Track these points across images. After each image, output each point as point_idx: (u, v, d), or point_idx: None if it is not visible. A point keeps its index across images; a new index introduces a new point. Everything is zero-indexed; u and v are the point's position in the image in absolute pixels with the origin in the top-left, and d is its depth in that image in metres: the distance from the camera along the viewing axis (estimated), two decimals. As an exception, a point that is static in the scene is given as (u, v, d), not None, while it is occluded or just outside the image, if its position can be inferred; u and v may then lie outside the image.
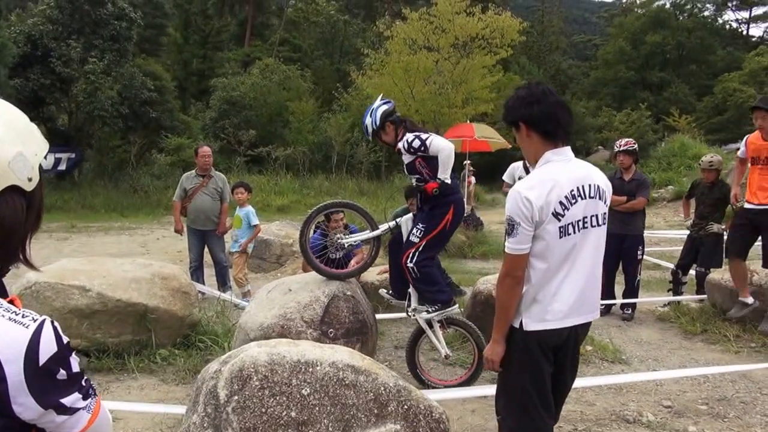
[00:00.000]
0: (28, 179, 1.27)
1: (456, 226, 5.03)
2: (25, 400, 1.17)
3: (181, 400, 4.80)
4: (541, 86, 2.91)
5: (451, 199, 4.88)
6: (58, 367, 1.22)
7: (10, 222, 1.24)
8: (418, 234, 4.87)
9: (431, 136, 4.85)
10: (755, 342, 6.48)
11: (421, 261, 4.84)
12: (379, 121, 5.08)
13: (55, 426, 1.25)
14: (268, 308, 4.97)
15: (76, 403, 1.26)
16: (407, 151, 4.91)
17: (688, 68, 49.46)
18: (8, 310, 1.22)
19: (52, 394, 1.21)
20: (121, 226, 16.75)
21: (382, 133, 5.13)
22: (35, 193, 1.31)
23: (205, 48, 44.31)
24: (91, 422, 1.30)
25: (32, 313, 1.23)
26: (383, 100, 5.22)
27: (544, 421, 2.99)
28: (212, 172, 8.48)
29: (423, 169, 4.91)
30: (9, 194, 1.23)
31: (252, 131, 27.28)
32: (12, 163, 1.23)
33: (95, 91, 20.48)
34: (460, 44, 17.86)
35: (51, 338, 1.21)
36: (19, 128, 1.29)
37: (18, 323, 1.19)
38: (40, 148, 1.33)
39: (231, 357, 2.84)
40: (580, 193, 2.83)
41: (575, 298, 2.87)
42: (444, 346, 5.14)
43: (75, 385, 1.26)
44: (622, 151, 7.60)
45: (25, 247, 1.33)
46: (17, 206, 1.26)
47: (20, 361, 1.16)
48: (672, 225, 16.85)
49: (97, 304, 5.32)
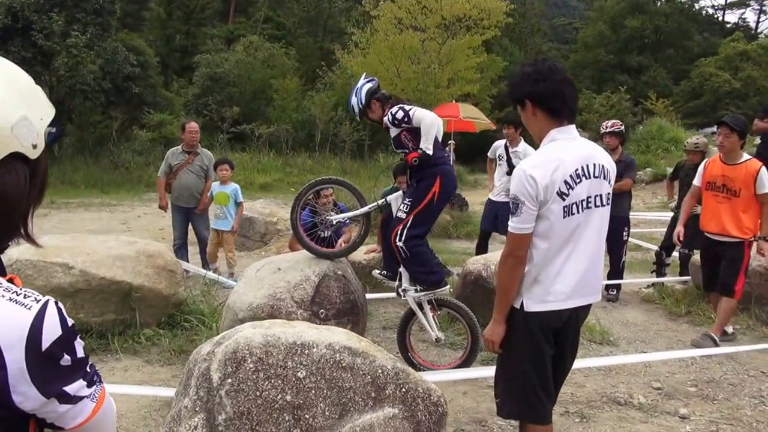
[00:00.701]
0: (32, 146, 1.15)
1: (445, 199, 4.93)
2: (26, 389, 1.07)
3: (166, 382, 4.72)
4: (547, 63, 2.85)
5: (437, 170, 4.75)
6: (62, 353, 1.11)
7: (12, 193, 1.13)
8: (405, 209, 4.78)
9: (414, 108, 4.77)
10: (740, 324, 6.55)
11: (410, 239, 4.75)
12: (365, 99, 5.01)
13: (57, 416, 1.14)
14: (257, 288, 4.87)
15: (81, 391, 1.16)
16: (392, 123, 4.83)
17: (665, 53, 49.64)
18: (8, 290, 1.11)
19: (55, 382, 1.11)
20: (102, 203, 16.49)
21: (369, 111, 5.06)
22: (40, 161, 1.19)
23: (188, 24, 43.64)
24: (96, 411, 1.20)
25: (34, 293, 1.12)
26: (366, 78, 5.15)
27: (544, 404, 2.96)
28: (198, 149, 8.32)
29: (409, 142, 4.83)
30: (11, 162, 1.12)
31: (235, 108, 26.97)
32: (15, 128, 1.11)
33: (77, 65, 20.05)
34: (447, 24, 17.71)
35: (55, 321, 1.11)
36: (24, 90, 1.17)
37: (19, 304, 1.09)
38: (46, 112, 1.22)
39: (225, 338, 2.76)
40: (585, 173, 2.79)
41: (578, 279, 2.83)
42: (435, 329, 5.07)
43: (79, 372, 1.16)
44: (609, 133, 7.56)
45: (27, 221, 1.21)
46: (20, 176, 1.14)
47: (21, 346, 1.05)
48: (651, 207, 16.98)
49: (80, 282, 5.17)
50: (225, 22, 45.08)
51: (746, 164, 5.73)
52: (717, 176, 5.88)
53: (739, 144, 5.75)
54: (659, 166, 20.93)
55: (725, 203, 5.79)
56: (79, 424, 1.18)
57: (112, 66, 21.76)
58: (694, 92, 42.15)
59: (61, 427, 1.18)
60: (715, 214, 5.89)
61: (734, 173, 5.75)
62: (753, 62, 41.41)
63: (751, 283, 6.60)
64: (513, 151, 7.69)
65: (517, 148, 7.69)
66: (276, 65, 31.99)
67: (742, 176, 5.69)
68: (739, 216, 5.73)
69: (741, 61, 41.88)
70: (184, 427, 2.59)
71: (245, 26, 42.91)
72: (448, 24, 17.82)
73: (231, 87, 29.31)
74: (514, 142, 7.74)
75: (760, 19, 64.22)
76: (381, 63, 17.97)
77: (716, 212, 5.87)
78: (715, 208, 5.88)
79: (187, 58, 38.55)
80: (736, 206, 5.73)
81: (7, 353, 1.05)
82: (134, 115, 24.84)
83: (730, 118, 5.86)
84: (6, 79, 1.15)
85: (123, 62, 22.24)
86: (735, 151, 5.78)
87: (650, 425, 4.28)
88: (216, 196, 8.03)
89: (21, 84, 1.18)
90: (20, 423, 1.14)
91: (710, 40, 52.41)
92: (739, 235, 5.73)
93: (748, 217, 5.74)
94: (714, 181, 5.90)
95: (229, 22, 44.73)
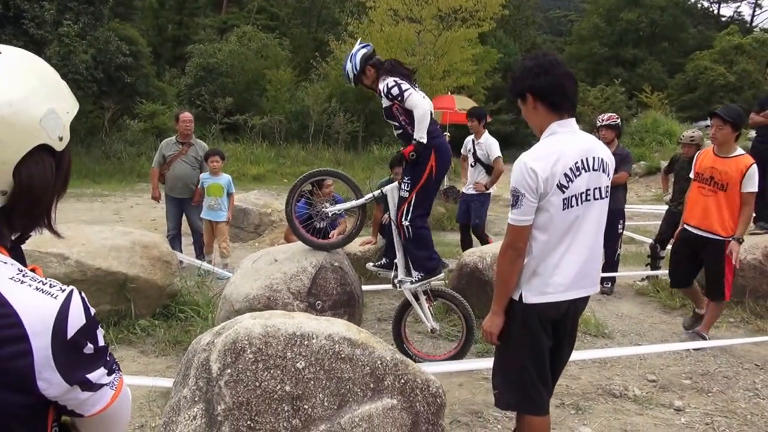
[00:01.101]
0: (59, 138, 1.18)
1: (443, 171, 4.94)
2: (51, 376, 1.09)
3: (161, 372, 4.71)
4: (548, 57, 2.85)
5: (431, 143, 4.75)
6: (85, 341, 1.14)
7: (39, 184, 1.16)
8: (407, 188, 4.82)
9: (411, 90, 4.72)
10: (734, 317, 6.58)
11: (415, 219, 4.79)
12: (359, 65, 4.99)
13: (78, 403, 1.17)
14: (253, 279, 4.86)
15: (101, 379, 1.19)
16: (386, 95, 4.82)
17: (660, 46, 49.72)
18: (34, 279, 1.13)
19: (78, 370, 1.13)
20: (94, 193, 16.42)
21: (363, 77, 5.04)
22: (64, 153, 1.22)
23: (181, 14, 43.36)
24: (114, 399, 1.23)
25: (58, 283, 1.15)
26: (362, 44, 5.12)
27: (542, 395, 2.97)
28: (193, 140, 8.29)
29: (400, 115, 4.82)
30: (39, 154, 1.15)
31: (228, 99, 26.91)
32: (44, 121, 1.14)
33: (69, 54, 19.92)
34: (442, 16, 17.65)
35: (80, 310, 1.14)
36: (51, 83, 1.20)
37: (45, 293, 1.11)
38: (71, 105, 1.24)
39: (224, 329, 2.75)
40: (585, 166, 2.79)
41: (576, 271, 2.84)
42: (430, 319, 5.09)
43: (100, 360, 1.19)
44: (605, 126, 7.53)
45: (50, 212, 1.24)
46: (47, 167, 1.17)
47: (48, 333, 1.08)
48: (645, 200, 17.03)
49: (76, 273, 5.16)
50: (218, 12, 44.83)
51: (738, 159, 5.48)
52: (706, 168, 5.61)
53: (732, 136, 5.50)
54: (653, 159, 21.01)
55: (711, 197, 5.54)
56: (98, 411, 1.21)
57: (104, 55, 21.68)
58: (688, 85, 42.26)
59: (81, 414, 1.20)
60: (699, 206, 5.65)
61: (724, 166, 5.48)
62: (748, 56, 41.53)
63: (746, 277, 6.64)
64: (477, 143, 7.87)
65: (480, 140, 7.88)
66: (269, 56, 31.91)
67: (731, 171, 5.42)
68: (723, 212, 5.47)
69: (736, 54, 41.99)
70: (184, 416, 2.58)
71: (238, 16, 42.68)
72: (443, 15, 17.74)
73: (224, 77, 29.25)
74: (478, 135, 7.94)
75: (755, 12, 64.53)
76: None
77: (700, 205, 5.63)
78: (700, 200, 5.64)
79: (180, 47, 38.34)
80: (721, 201, 5.47)
81: (34, 340, 1.07)
82: (126, 105, 24.73)
83: (723, 109, 5.59)
84: (34, 72, 1.18)
85: (115, 52, 22.15)
86: (728, 144, 5.52)
87: (645, 417, 4.30)
88: (209, 187, 7.98)
89: (48, 77, 1.20)
90: (41, 410, 1.16)
91: (705, 34, 52.54)
92: (720, 232, 5.48)
93: (732, 215, 5.46)
94: (702, 173, 5.64)
95: (222, 12, 44.48)
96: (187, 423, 2.57)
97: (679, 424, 4.24)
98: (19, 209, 1.15)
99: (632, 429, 4.13)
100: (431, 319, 5.11)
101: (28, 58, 1.19)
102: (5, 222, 1.16)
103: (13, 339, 1.06)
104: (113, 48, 22.06)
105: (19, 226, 1.21)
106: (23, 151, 1.11)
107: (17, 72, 1.14)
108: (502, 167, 7.98)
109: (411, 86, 4.79)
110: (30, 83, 1.14)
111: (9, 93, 1.10)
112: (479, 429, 4.06)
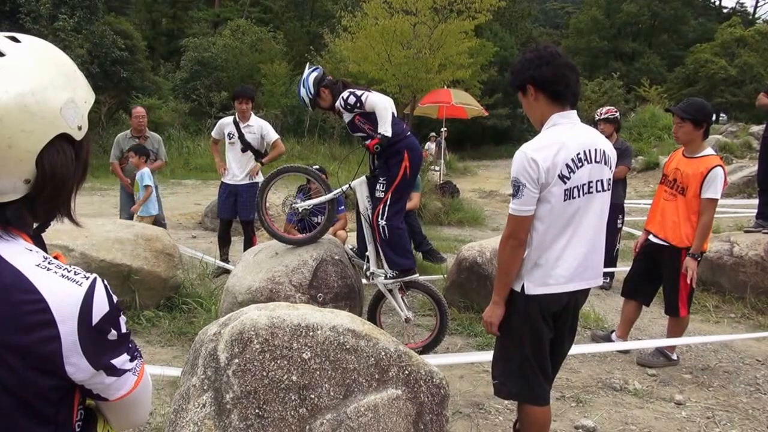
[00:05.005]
0: (78, 128, 1.20)
1: (416, 169, 4.99)
2: (78, 361, 1.13)
3: (168, 362, 4.75)
4: (549, 48, 2.86)
5: (402, 145, 4.84)
6: (109, 327, 1.18)
7: (61, 172, 1.18)
8: (382, 189, 4.89)
9: (366, 92, 4.85)
10: (734, 313, 6.60)
11: (392, 218, 4.85)
12: (313, 88, 5.07)
13: (103, 387, 1.21)
14: (255, 271, 4.91)
15: (125, 365, 1.23)
16: (344, 108, 4.92)
17: (660, 38, 49.50)
18: (59, 266, 1.16)
19: (103, 355, 1.17)
20: (92, 187, 16.42)
21: (320, 100, 5.12)
22: (83, 143, 1.24)
23: (174, 7, 43.29)
24: (137, 384, 1.28)
25: (82, 270, 1.18)
26: (311, 67, 5.21)
27: (543, 385, 3.01)
28: (147, 133, 8.47)
29: (364, 125, 4.91)
30: (59, 143, 1.17)
31: (223, 93, 26.81)
32: (63, 110, 1.16)
33: (65, 49, 19.55)
34: (438, 8, 17.58)
35: (103, 297, 1.17)
36: (69, 74, 1.22)
37: (71, 280, 1.14)
38: (88, 95, 1.26)
39: (231, 320, 2.79)
40: (587, 157, 2.81)
41: (578, 263, 2.86)
42: (404, 309, 5.13)
43: (124, 346, 1.23)
44: (603, 119, 7.49)
45: (71, 200, 1.26)
46: (68, 156, 1.19)
47: (74, 320, 1.11)
48: (643, 195, 17.01)
49: (80, 265, 5.11)
50: (211, 6, 44.71)
51: (702, 159, 4.86)
52: (672, 169, 5.06)
53: (696, 134, 4.87)
54: (652, 154, 20.93)
55: (671, 201, 5.00)
56: (122, 396, 1.25)
57: (99, 50, 21.64)
58: (688, 79, 41.87)
59: (106, 398, 1.24)
60: (658, 212, 5.14)
61: (687, 167, 4.89)
62: (750, 48, 41.09)
63: (747, 272, 6.65)
64: (244, 126, 7.45)
65: (249, 122, 7.48)
66: (264, 49, 31.80)
67: (692, 172, 4.83)
68: (680, 219, 4.90)
69: (738, 47, 41.60)
70: (193, 404, 2.62)
71: (232, 10, 42.60)
72: (439, 8, 17.66)
73: (219, 71, 29.18)
74: (244, 118, 7.52)
75: (758, 3, 64.23)
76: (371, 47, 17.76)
77: (659, 210, 5.12)
78: (660, 205, 5.13)
79: (174, 41, 38.30)
80: (680, 206, 4.91)
81: (62, 326, 1.10)
82: (122, 100, 24.65)
83: (681, 105, 4.99)
84: (54, 62, 1.19)
85: (111, 46, 22.11)
86: (694, 143, 4.92)
87: (646, 410, 4.33)
88: (135, 183, 7.92)
89: (67, 68, 1.22)
90: (69, 393, 1.20)
91: (706, 26, 52.05)
92: (673, 241, 4.94)
93: (690, 223, 4.87)
94: (668, 174, 5.09)
95: (215, 5, 44.36)
96: (196, 410, 2.60)
97: (680, 417, 4.26)
98: (42, 197, 1.17)
99: (633, 422, 4.16)
100: (405, 308, 5.15)
101: (45, 46, 1.21)
102: (29, 210, 1.19)
103: (42, 324, 1.09)
104: (109, 42, 22.03)
105: (42, 214, 1.23)
106: (45, 140, 1.13)
107: (37, 61, 1.16)
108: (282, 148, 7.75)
109: (366, 90, 4.90)
110: (50, 72, 1.16)
111: (31, 82, 1.11)
112: (481, 420, 4.10)
